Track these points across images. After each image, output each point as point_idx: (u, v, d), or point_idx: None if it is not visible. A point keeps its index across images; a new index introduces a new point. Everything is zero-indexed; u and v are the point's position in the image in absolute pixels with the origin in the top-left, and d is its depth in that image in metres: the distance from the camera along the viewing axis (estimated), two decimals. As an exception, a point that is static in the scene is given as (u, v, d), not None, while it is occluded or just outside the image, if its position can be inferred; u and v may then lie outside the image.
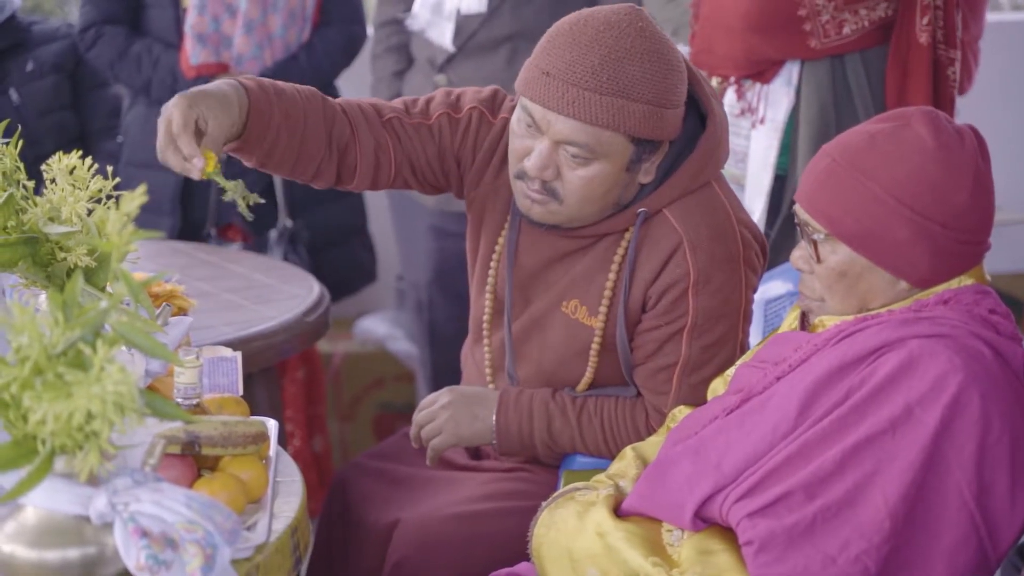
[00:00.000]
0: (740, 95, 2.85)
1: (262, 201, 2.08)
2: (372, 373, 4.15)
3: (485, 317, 2.33)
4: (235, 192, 2.05)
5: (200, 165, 2.02)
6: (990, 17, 5.16)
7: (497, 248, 2.30)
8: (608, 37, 2.07)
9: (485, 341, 2.35)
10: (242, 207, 2.05)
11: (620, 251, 2.21)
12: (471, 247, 2.36)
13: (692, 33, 2.86)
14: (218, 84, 2.11)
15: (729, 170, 2.82)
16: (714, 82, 2.88)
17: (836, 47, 2.80)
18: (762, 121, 2.85)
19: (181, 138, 2.02)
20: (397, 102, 2.28)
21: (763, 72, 2.84)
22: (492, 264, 2.31)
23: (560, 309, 2.26)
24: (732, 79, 2.86)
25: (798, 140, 2.84)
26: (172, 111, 2.04)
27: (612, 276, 2.22)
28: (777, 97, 2.84)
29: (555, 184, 2.13)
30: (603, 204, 2.16)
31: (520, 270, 2.28)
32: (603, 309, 2.23)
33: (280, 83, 2.19)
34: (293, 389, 3.53)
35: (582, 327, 2.25)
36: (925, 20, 2.80)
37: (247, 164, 2.19)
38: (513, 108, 2.22)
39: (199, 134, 2.04)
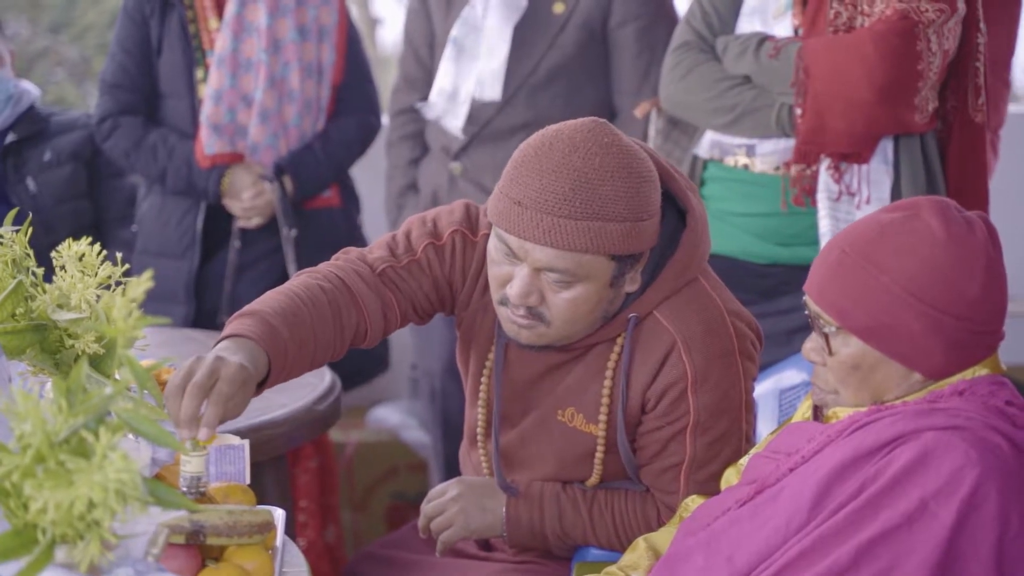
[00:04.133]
0: (838, 178, 2.82)
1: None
2: (385, 463, 4.13)
3: (478, 428, 2.32)
4: (193, 469, 1.89)
5: (203, 436, 1.89)
6: (1009, 109, 5.15)
7: (487, 364, 2.28)
8: (575, 160, 2.04)
9: (480, 449, 2.34)
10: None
11: (613, 357, 2.20)
12: (462, 361, 2.34)
13: (800, 112, 2.80)
14: (249, 351, 1.99)
15: None
16: (794, 170, 2.84)
17: (924, 124, 2.80)
18: (867, 201, 2.80)
19: (215, 407, 1.89)
20: (380, 249, 2.25)
21: (862, 152, 2.81)
22: (483, 379, 2.29)
23: (556, 418, 2.25)
24: (825, 163, 2.82)
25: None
26: (225, 371, 1.91)
27: (608, 383, 2.20)
28: (878, 175, 2.80)
29: (540, 308, 2.11)
30: (591, 320, 2.14)
31: (511, 384, 2.26)
32: (602, 417, 2.21)
33: (288, 302, 2.10)
34: (306, 479, 3.50)
35: (581, 434, 2.23)
36: (979, 101, 2.80)
37: None
38: (489, 223, 2.22)
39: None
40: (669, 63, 3.00)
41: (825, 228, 2.80)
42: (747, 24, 2.96)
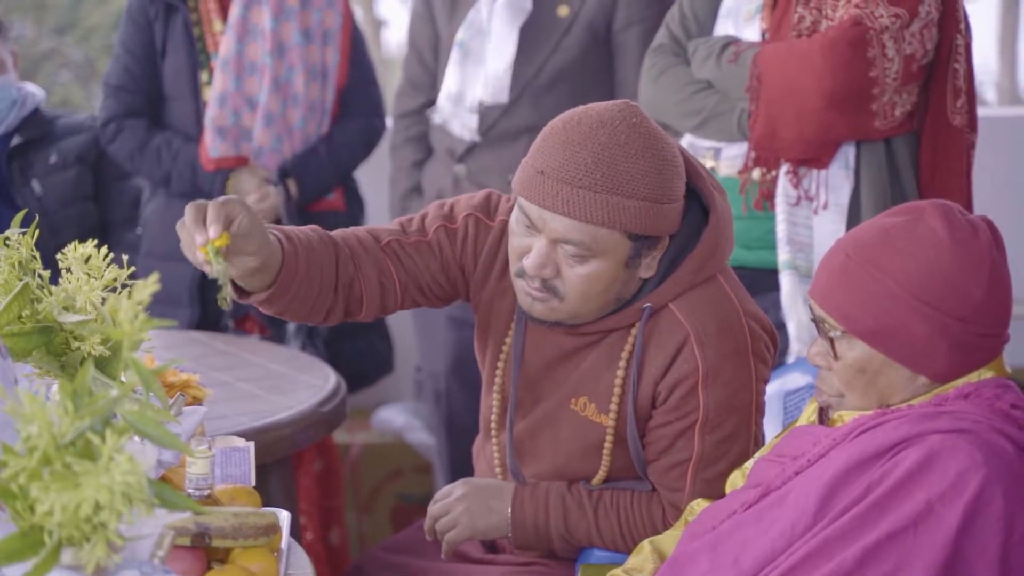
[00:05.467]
0: (796, 183, 2.81)
1: (234, 299, 2.04)
2: (390, 464, 4.13)
3: (493, 416, 2.33)
4: (221, 277, 2.00)
5: (212, 234, 1.98)
6: (1009, 112, 5.15)
7: (504, 348, 2.29)
8: (601, 134, 2.07)
9: (493, 440, 2.34)
10: (222, 296, 2.02)
11: (627, 347, 2.20)
12: (479, 348, 2.35)
13: (752, 119, 2.80)
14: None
15: (794, 262, 2.79)
16: (756, 174, 2.84)
17: (890, 129, 2.79)
18: (825, 206, 2.80)
19: (216, 207, 1.98)
20: (393, 224, 2.28)
21: (820, 157, 2.80)
22: (499, 365, 2.30)
23: (569, 407, 2.25)
24: (784, 168, 2.82)
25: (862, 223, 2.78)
26: (232, 198, 2.03)
27: (620, 373, 2.20)
28: (837, 181, 2.79)
29: (555, 282, 2.13)
30: (604, 301, 2.15)
31: (527, 369, 2.27)
32: (613, 406, 2.21)
33: (300, 230, 2.18)
34: (307, 482, 3.50)
35: (592, 424, 2.24)
36: (959, 103, 2.79)
37: (264, 312, 2.18)
38: (510, 209, 2.23)
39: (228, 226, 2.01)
40: (645, 65, 3.02)
41: (782, 233, 2.80)
42: (722, 27, 2.97)
